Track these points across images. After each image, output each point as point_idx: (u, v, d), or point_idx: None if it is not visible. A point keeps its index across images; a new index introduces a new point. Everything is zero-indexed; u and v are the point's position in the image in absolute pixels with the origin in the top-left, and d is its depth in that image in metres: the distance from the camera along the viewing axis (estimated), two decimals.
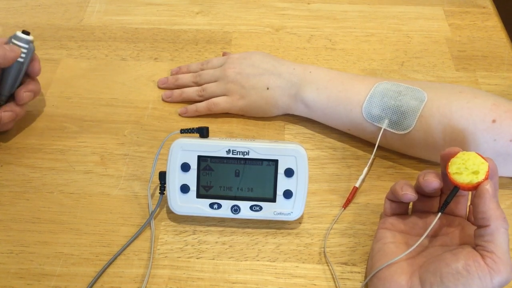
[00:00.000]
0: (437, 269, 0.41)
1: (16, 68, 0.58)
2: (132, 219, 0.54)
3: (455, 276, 0.40)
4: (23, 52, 0.57)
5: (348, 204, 0.55)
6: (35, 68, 0.59)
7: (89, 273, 0.49)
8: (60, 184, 0.57)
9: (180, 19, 0.78)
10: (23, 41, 0.58)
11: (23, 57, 0.58)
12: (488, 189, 0.41)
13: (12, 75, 0.58)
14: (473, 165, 0.43)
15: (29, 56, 0.58)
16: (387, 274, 0.44)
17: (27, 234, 0.52)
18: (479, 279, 0.39)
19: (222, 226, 0.54)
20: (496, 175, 0.43)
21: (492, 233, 0.40)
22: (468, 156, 0.43)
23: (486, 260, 0.40)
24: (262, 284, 0.49)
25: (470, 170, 0.42)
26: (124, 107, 0.65)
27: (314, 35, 0.76)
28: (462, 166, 0.43)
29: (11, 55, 0.56)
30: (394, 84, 0.57)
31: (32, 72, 0.60)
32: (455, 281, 0.40)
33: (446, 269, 0.40)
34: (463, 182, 0.43)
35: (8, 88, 0.58)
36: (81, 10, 0.79)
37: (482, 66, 0.71)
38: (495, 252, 0.40)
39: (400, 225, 0.48)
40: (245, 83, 0.62)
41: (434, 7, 0.81)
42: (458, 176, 0.43)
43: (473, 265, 0.40)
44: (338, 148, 0.61)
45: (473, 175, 0.42)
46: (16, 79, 0.58)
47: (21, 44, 0.57)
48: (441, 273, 0.40)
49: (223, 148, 0.51)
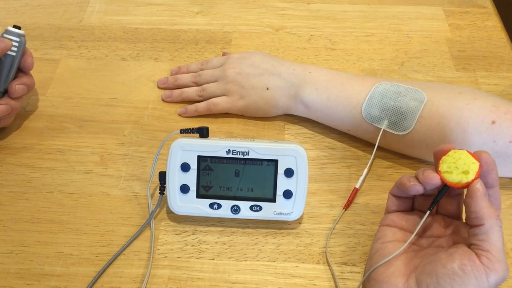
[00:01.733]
0: (432, 270, 0.41)
1: (9, 62, 0.58)
2: (132, 219, 0.54)
3: (451, 277, 0.40)
4: (15, 46, 0.58)
5: (349, 205, 0.55)
6: (28, 62, 0.60)
7: (89, 273, 0.50)
8: (60, 184, 0.57)
9: (180, 19, 0.78)
10: (14, 34, 0.59)
11: (15, 51, 0.58)
12: (479, 188, 0.41)
13: (4, 69, 0.58)
14: (463, 165, 0.42)
15: (21, 49, 0.59)
16: (384, 276, 0.44)
17: (27, 234, 0.52)
18: (475, 279, 0.39)
19: (222, 226, 0.54)
20: (493, 170, 0.43)
21: (486, 231, 0.40)
22: (460, 155, 0.43)
23: (481, 259, 0.40)
24: (262, 284, 0.49)
25: (460, 169, 0.42)
26: (124, 107, 0.65)
27: (314, 35, 0.76)
28: (453, 165, 0.43)
29: (1, 45, 0.57)
30: (393, 85, 0.57)
31: (25, 66, 0.60)
32: (451, 281, 0.40)
33: (441, 270, 0.40)
34: (452, 182, 0.43)
35: (2, 83, 0.59)
36: (81, 10, 0.79)
37: (482, 66, 0.71)
38: (490, 250, 0.40)
39: (402, 222, 0.48)
40: (245, 83, 0.62)
41: (434, 7, 0.81)
42: (448, 175, 0.43)
43: (468, 264, 0.40)
44: (338, 148, 0.61)
45: (463, 174, 0.42)
46: (9, 73, 0.59)
47: (12, 38, 0.58)
48: (436, 274, 0.40)
49: (223, 148, 0.51)
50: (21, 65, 0.60)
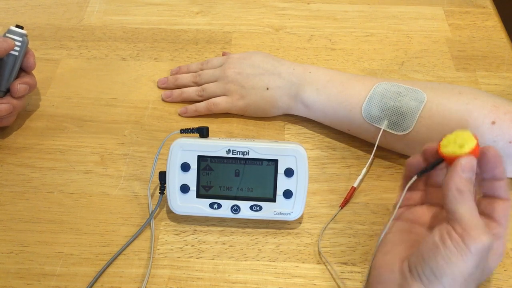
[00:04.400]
0: (419, 250, 0.41)
1: (11, 61, 0.59)
2: (132, 219, 0.54)
3: (433, 250, 0.40)
4: (17, 45, 0.59)
5: (345, 203, 0.55)
6: (30, 62, 0.60)
7: (89, 273, 0.50)
8: (60, 184, 0.57)
9: (180, 19, 0.78)
10: (16, 34, 0.59)
11: (17, 50, 0.59)
12: (461, 163, 0.41)
13: (7, 69, 0.59)
14: (461, 140, 0.43)
15: (23, 49, 0.59)
16: (382, 263, 0.44)
17: (27, 234, 0.52)
18: (456, 249, 0.39)
19: (222, 226, 0.54)
20: (500, 163, 0.43)
21: (450, 203, 0.41)
22: (462, 133, 0.44)
23: (456, 229, 0.40)
24: (262, 284, 0.49)
25: (457, 143, 0.43)
26: (124, 107, 0.65)
27: (314, 35, 0.76)
28: (452, 140, 0.44)
29: (4, 45, 0.57)
30: (393, 85, 0.57)
31: (28, 66, 0.60)
32: (435, 255, 0.39)
33: (425, 246, 0.41)
34: (446, 153, 0.43)
35: (4, 82, 0.59)
36: (81, 10, 0.79)
37: (482, 66, 0.71)
38: (461, 219, 0.40)
39: (409, 215, 0.48)
40: (245, 83, 0.62)
41: (434, 7, 0.81)
42: (444, 148, 0.44)
43: (447, 236, 0.40)
44: (338, 148, 0.61)
45: (458, 147, 0.43)
46: (11, 72, 0.59)
47: (14, 37, 0.59)
48: (422, 252, 0.41)
49: (223, 148, 0.51)
50: (24, 65, 0.60)
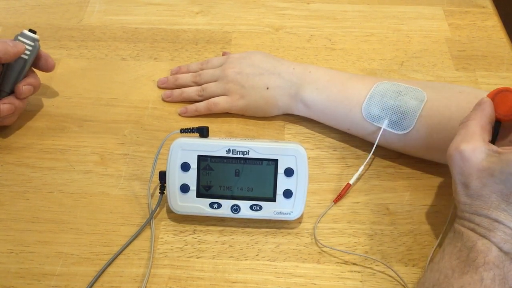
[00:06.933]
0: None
1: (20, 65, 0.59)
2: (132, 219, 0.54)
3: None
4: (28, 50, 0.59)
5: (339, 199, 0.55)
6: (49, 63, 0.61)
7: (89, 273, 0.50)
8: (60, 183, 0.57)
9: (180, 19, 0.78)
10: (28, 38, 0.59)
11: (28, 54, 0.59)
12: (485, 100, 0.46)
13: (15, 71, 0.59)
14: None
15: (34, 53, 0.59)
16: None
17: (27, 233, 0.52)
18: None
19: (222, 225, 0.54)
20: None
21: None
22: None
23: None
24: (262, 284, 0.49)
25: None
26: (124, 107, 0.65)
27: (314, 35, 0.76)
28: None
29: (13, 50, 0.57)
30: (393, 84, 0.57)
31: (47, 67, 0.61)
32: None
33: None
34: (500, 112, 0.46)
35: (10, 84, 0.59)
36: (81, 10, 0.79)
37: (481, 66, 0.71)
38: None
39: None
40: (245, 83, 0.62)
41: (434, 7, 0.81)
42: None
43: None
44: (338, 148, 0.61)
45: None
46: (18, 75, 0.59)
47: (26, 41, 0.59)
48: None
49: (223, 147, 0.51)
50: (43, 66, 0.61)
